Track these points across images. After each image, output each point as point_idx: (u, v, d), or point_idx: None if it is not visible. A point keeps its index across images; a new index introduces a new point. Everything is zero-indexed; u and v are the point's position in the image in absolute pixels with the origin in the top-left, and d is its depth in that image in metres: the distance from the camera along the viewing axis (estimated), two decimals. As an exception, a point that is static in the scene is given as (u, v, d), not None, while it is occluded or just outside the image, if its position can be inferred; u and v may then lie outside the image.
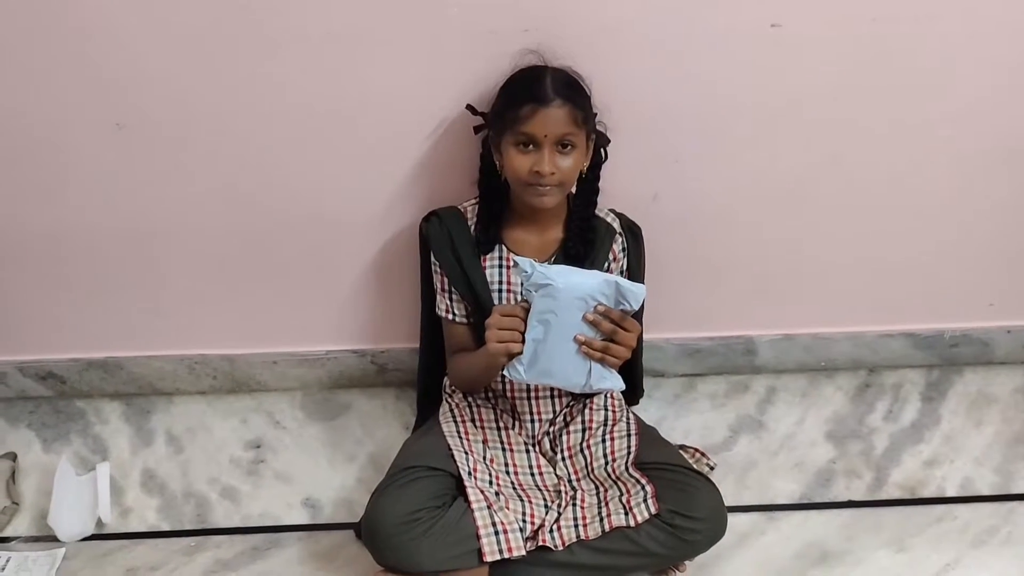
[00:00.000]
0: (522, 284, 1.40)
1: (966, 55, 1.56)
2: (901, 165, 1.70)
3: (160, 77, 1.53)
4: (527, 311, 1.40)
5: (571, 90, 1.45)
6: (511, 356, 1.42)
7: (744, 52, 1.53)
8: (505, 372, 1.44)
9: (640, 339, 1.71)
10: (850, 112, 1.62)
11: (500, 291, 1.61)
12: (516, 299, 1.60)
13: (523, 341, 1.40)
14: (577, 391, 1.49)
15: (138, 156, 1.62)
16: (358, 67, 1.52)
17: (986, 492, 1.77)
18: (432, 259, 1.63)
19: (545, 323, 1.39)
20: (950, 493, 1.77)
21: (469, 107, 1.54)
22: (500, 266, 1.60)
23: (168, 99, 1.56)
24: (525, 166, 1.45)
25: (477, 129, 1.55)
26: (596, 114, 1.52)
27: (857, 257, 1.83)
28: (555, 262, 1.59)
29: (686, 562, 1.60)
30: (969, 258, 1.85)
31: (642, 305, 1.46)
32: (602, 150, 1.57)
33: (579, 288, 1.38)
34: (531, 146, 1.45)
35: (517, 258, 1.41)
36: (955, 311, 1.93)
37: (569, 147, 1.46)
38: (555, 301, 1.37)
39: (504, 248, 1.60)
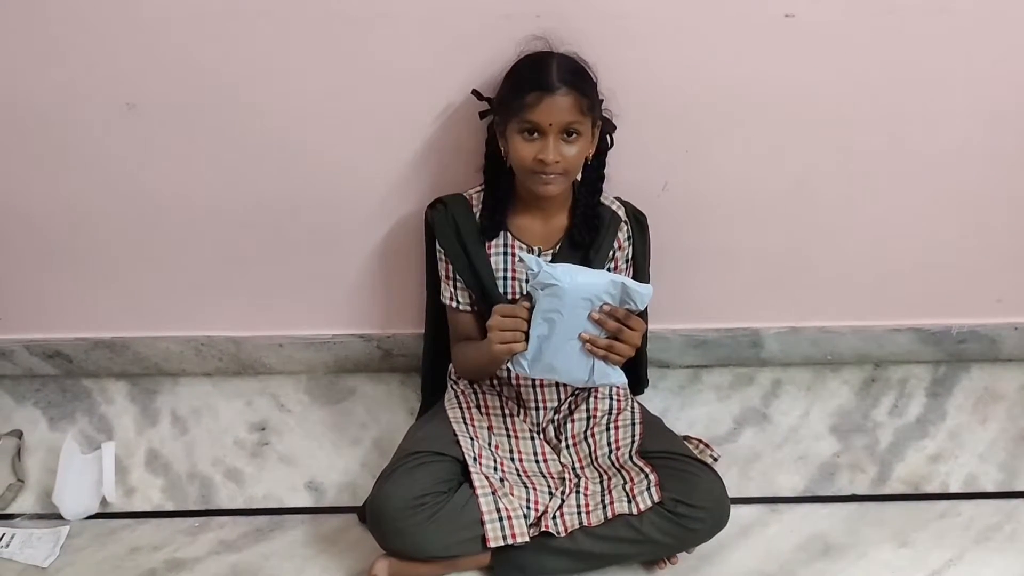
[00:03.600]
0: (527, 280, 1.39)
1: (981, 50, 1.55)
2: (912, 159, 1.69)
3: (170, 58, 1.53)
4: (530, 310, 1.40)
5: (577, 77, 1.44)
6: (514, 354, 1.42)
7: (757, 42, 1.53)
8: (509, 366, 1.45)
9: (645, 330, 1.72)
10: (863, 105, 1.61)
11: (505, 279, 1.61)
12: (521, 287, 1.60)
13: (526, 339, 1.41)
14: (580, 386, 1.49)
15: (148, 137, 1.62)
16: (368, 49, 1.52)
17: (990, 489, 1.77)
18: (437, 247, 1.63)
19: (550, 321, 1.39)
20: (954, 489, 1.77)
21: (475, 92, 1.53)
22: (505, 253, 1.60)
23: (178, 81, 1.55)
24: (530, 154, 1.45)
25: (483, 115, 1.54)
26: (603, 100, 1.51)
27: (865, 251, 1.83)
28: (560, 249, 1.59)
29: (687, 552, 1.60)
30: (978, 254, 1.85)
31: None
32: (608, 136, 1.56)
33: (585, 289, 1.38)
34: (536, 134, 1.44)
35: (523, 255, 1.40)
36: (963, 307, 1.93)
37: (574, 135, 1.45)
38: (560, 301, 1.37)
39: (509, 235, 1.60)
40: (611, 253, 1.61)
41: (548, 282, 1.36)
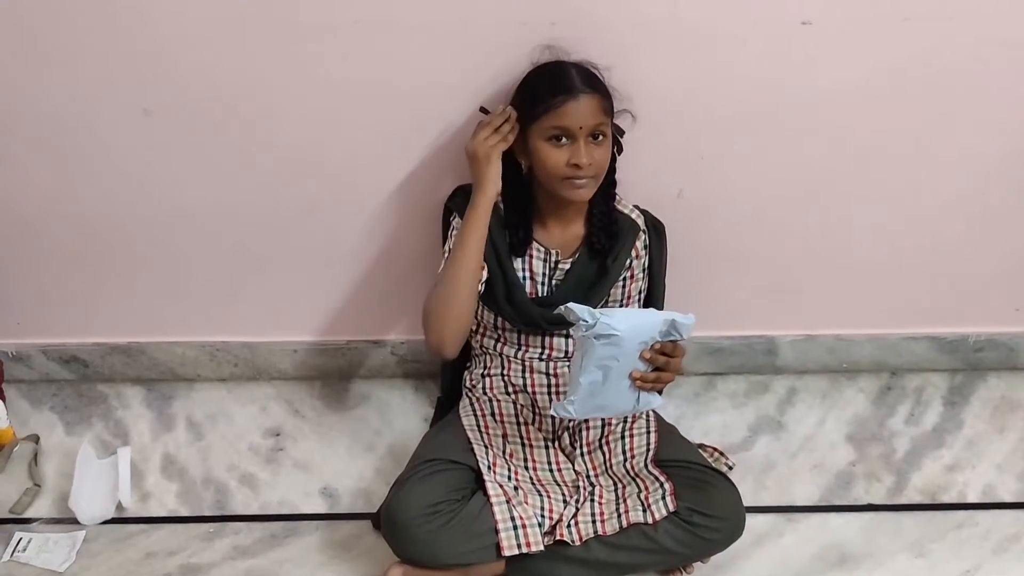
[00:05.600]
0: (574, 330, 1.37)
1: (998, 57, 1.54)
2: (929, 166, 1.69)
3: (187, 65, 1.54)
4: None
5: (597, 81, 1.46)
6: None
7: (773, 49, 1.52)
8: (553, 412, 1.44)
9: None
10: (878, 112, 1.61)
11: (524, 279, 1.60)
12: (539, 288, 1.60)
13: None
14: (621, 416, 1.50)
15: (165, 143, 1.63)
16: (383, 57, 1.52)
17: (1008, 499, 1.76)
18: (454, 226, 1.58)
19: (605, 368, 1.38)
20: (971, 499, 1.76)
21: (482, 109, 1.53)
22: (523, 255, 1.60)
23: (195, 87, 1.56)
24: (561, 160, 1.45)
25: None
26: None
27: (882, 258, 1.82)
28: (579, 257, 1.59)
29: (702, 562, 1.60)
30: (995, 262, 1.84)
31: (662, 306, 1.45)
32: (618, 142, 1.55)
33: (642, 333, 1.37)
34: (564, 139, 1.44)
35: (575, 307, 1.36)
36: (980, 315, 1.92)
37: (601, 137, 1.46)
38: (619, 349, 1.36)
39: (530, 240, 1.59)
40: (628, 262, 1.61)
41: (606, 332, 1.34)
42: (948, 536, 1.68)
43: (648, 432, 1.66)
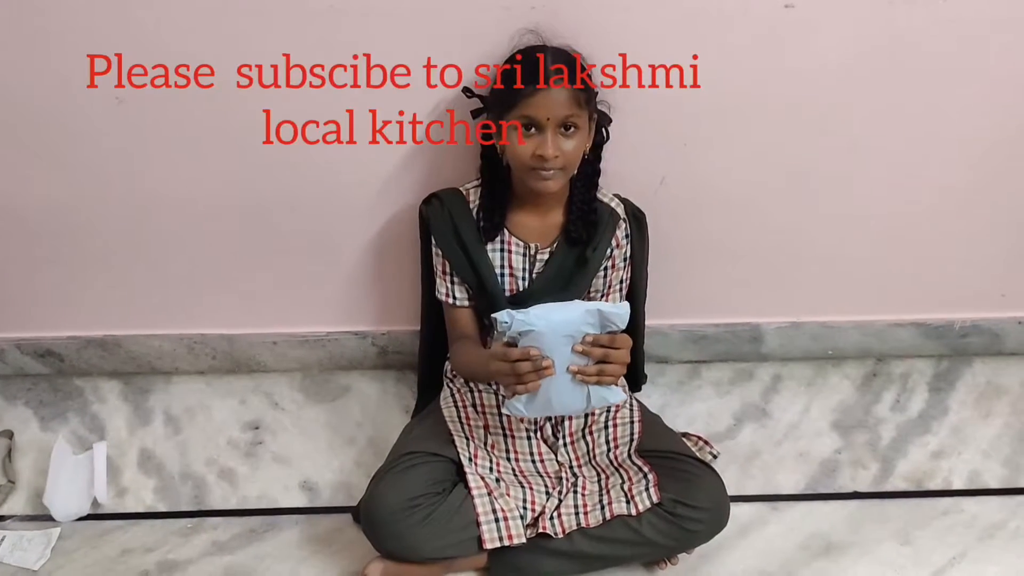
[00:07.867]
0: (504, 332, 1.37)
1: (984, 41, 1.53)
2: (915, 152, 1.67)
3: (160, 52, 1.50)
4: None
5: (573, 70, 1.41)
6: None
7: (756, 33, 1.50)
8: (504, 409, 1.43)
9: (642, 326, 1.71)
10: (864, 97, 1.59)
11: (503, 275, 1.58)
12: (520, 283, 1.58)
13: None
14: (580, 414, 1.49)
15: (138, 132, 1.60)
16: (362, 41, 1.49)
17: (994, 485, 1.75)
18: (433, 243, 1.60)
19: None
20: (957, 486, 1.75)
21: (466, 90, 1.51)
22: (502, 250, 1.57)
23: (168, 75, 1.52)
24: (528, 150, 1.42)
25: (475, 113, 1.52)
26: (597, 92, 1.48)
27: (867, 245, 1.81)
28: (557, 247, 1.57)
29: (686, 553, 1.59)
30: (981, 248, 1.83)
31: (644, 296, 1.43)
32: (604, 130, 1.53)
33: (563, 327, 1.36)
34: (533, 129, 1.41)
35: (494, 314, 1.36)
36: (966, 301, 1.91)
37: (572, 129, 1.42)
38: (543, 344, 1.36)
39: (506, 232, 1.57)
40: (608, 251, 1.58)
41: (525, 329, 1.35)
42: (934, 523, 1.68)
43: (632, 422, 1.65)
